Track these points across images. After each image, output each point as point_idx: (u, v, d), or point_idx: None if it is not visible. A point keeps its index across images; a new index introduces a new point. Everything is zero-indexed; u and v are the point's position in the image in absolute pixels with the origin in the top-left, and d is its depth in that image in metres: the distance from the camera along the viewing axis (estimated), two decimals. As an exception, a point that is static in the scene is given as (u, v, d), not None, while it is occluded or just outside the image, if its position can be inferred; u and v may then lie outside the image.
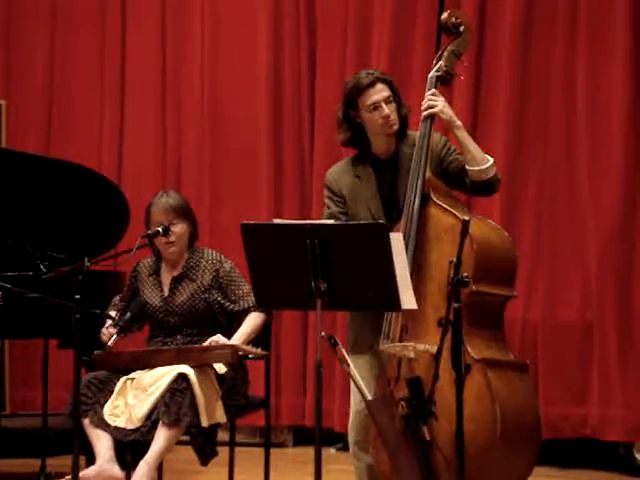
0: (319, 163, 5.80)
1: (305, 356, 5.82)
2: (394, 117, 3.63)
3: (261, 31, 5.90)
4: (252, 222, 3.34)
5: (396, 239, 3.15)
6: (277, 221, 3.37)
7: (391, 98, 3.63)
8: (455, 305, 3.15)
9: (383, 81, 3.64)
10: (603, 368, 5.17)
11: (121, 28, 6.15)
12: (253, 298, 4.02)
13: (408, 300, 3.17)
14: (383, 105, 3.61)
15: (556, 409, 5.12)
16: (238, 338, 4.07)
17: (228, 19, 6.01)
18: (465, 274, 3.15)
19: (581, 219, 5.27)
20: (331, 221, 3.59)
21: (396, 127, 3.65)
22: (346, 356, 3.32)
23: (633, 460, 5.15)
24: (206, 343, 4.03)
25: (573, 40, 5.27)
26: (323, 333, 3.26)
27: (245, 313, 4.15)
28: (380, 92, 3.62)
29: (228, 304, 4.16)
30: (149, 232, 4.14)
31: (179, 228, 4.16)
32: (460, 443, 3.12)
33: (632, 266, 5.18)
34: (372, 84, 3.62)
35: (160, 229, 4.12)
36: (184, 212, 4.18)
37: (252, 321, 4.12)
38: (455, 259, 3.17)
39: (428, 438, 3.32)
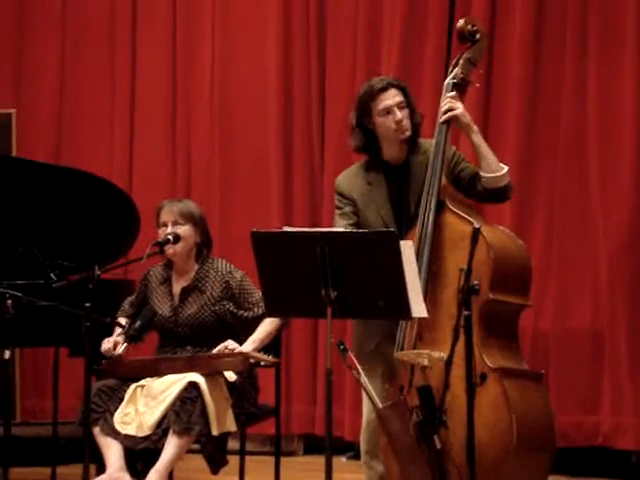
0: (329, 171, 5.79)
1: (315, 364, 5.80)
2: (407, 123, 3.63)
3: (271, 40, 5.91)
4: (262, 230, 3.34)
5: (406, 247, 3.14)
6: (287, 229, 3.37)
7: (404, 104, 3.63)
8: (466, 313, 3.14)
9: (396, 87, 3.65)
10: (614, 376, 5.15)
11: (131, 37, 6.16)
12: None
13: (419, 309, 3.16)
14: (396, 110, 3.62)
15: (568, 418, 5.10)
16: (252, 343, 4.06)
17: (238, 27, 6.01)
18: (476, 282, 3.14)
19: (592, 228, 5.25)
20: (341, 228, 3.60)
21: (408, 133, 3.64)
22: (356, 363, 3.31)
23: (645, 469, 5.13)
24: (217, 349, 4.02)
25: (583, 49, 5.26)
26: (333, 340, 3.26)
27: (259, 319, 4.14)
28: (393, 97, 3.63)
29: (242, 312, 4.16)
30: (160, 240, 4.14)
31: (183, 229, 4.15)
32: (471, 452, 3.11)
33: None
34: (385, 89, 3.62)
35: (171, 237, 4.12)
36: (191, 215, 4.17)
37: (267, 326, 4.12)
38: (466, 266, 3.16)
39: (439, 446, 3.30)
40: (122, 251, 4.98)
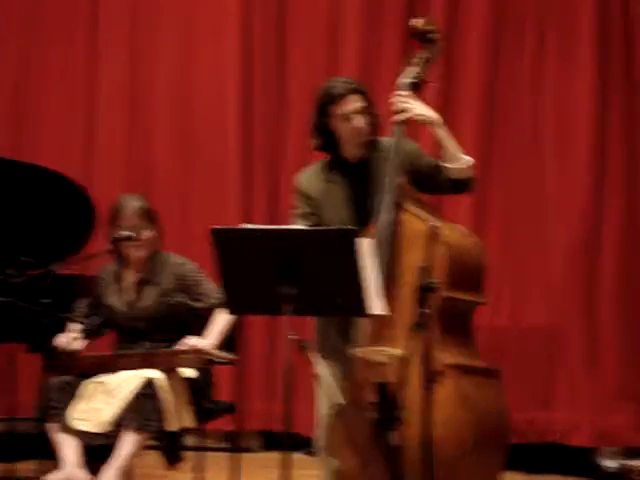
0: (289, 169, 5.79)
1: (273, 360, 5.81)
2: (365, 128, 3.63)
3: (231, 36, 5.89)
4: (222, 227, 3.34)
5: (365, 244, 3.16)
6: (247, 226, 3.38)
7: (363, 109, 3.63)
8: (423, 310, 3.17)
9: (357, 91, 3.63)
10: (569, 374, 5.21)
11: (91, 32, 6.10)
12: (218, 295, 4.02)
13: (377, 306, 3.18)
14: (354, 116, 3.61)
15: (522, 414, 5.15)
16: (211, 338, 4.06)
17: (198, 24, 5.99)
18: (434, 280, 3.17)
19: (547, 227, 5.31)
20: (300, 226, 3.61)
21: (366, 137, 3.65)
22: (316, 360, 3.32)
23: (600, 465, 5.19)
24: (178, 345, 4.02)
25: (541, 46, 5.33)
26: (293, 336, 3.27)
27: (211, 310, 4.14)
28: (353, 103, 3.61)
29: (194, 303, 4.16)
30: (118, 237, 4.13)
31: (147, 233, 4.15)
32: (427, 449, 3.13)
33: (597, 272, 5.23)
34: (345, 94, 3.61)
35: (130, 234, 4.11)
36: (151, 216, 4.18)
37: (221, 320, 4.12)
38: (424, 265, 3.19)
39: (395, 444, 3.33)
40: (80, 247, 4.95)
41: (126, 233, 4.11)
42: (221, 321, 4.11)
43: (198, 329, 4.12)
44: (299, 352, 3.32)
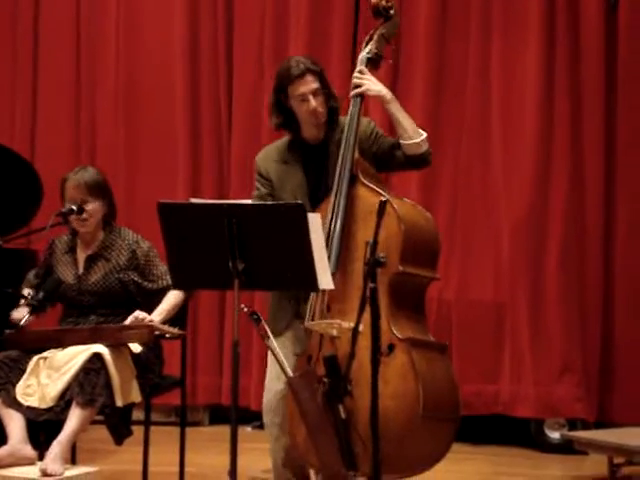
0: (237, 142, 5.78)
1: (222, 335, 5.81)
2: (321, 109, 3.63)
3: (177, 7, 5.85)
4: (169, 201, 3.32)
5: (314, 219, 3.16)
6: (194, 201, 3.36)
7: (319, 90, 3.63)
8: (371, 285, 3.18)
9: (312, 72, 3.63)
10: (515, 347, 5.28)
11: (35, 1, 6.03)
12: (169, 277, 4.00)
13: (325, 281, 3.18)
14: (310, 97, 3.61)
15: (469, 387, 5.20)
16: (158, 314, 4.04)
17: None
18: (382, 254, 3.18)
19: (494, 203, 5.36)
20: (248, 201, 3.59)
21: (323, 119, 3.66)
22: (269, 332, 3.33)
23: (543, 436, 5.27)
24: (127, 320, 3.99)
25: (487, 30, 5.36)
26: (245, 309, 3.27)
27: (163, 291, 4.12)
28: (309, 84, 3.61)
29: (146, 283, 4.13)
30: (63, 210, 4.08)
31: (92, 206, 4.10)
32: (375, 421, 3.15)
33: (543, 247, 5.28)
34: (301, 75, 3.61)
35: (74, 207, 4.06)
36: (99, 189, 4.12)
37: (171, 299, 4.10)
38: (372, 239, 3.19)
39: (344, 416, 3.34)
40: (25, 220, 4.89)
41: (69, 206, 4.06)
42: (171, 300, 4.10)
43: (148, 307, 4.09)
44: (253, 323, 3.31)
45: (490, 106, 5.35)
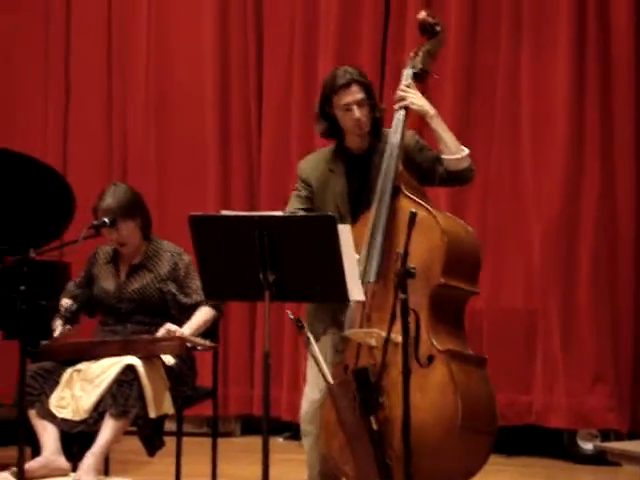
0: (267, 153, 5.80)
1: (253, 346, 5.82)
2: (365, 120, 3.66)
3: (208, 19, 5.88)
4: (200, 214, 3.35)
5: (344, 231, 3.17)
6: (225, 213, 3.38)
7: (364, 101, 3.65)
8: (402, 296, 3.18)
9: (358, 83, 3.66)
10: (547, 356, 5.24)
11: (66, 15, 6.09)
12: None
13: (356, 292, 3.19)
14: (355, 108, 3.64)
15: (501, 397, 5.13)
16: (188, 328, 4.06)
17: (175, 6, 5.98)
18: (412, 265, 3.18)
19: (525, 210, 5.33)
20: (293, 206, 3.65)
21: (366, 129, 3.69)
22: (312, 339, 3.34)
23: (576, 447, 5.23)
24: (159, 333, 4.01)
25: (518, 37, 5.33)
26: (291, 315, 3.30)
27: (196, 307, 4.15)
28: (353, 94, 3.64)
29: (181, 297, 4.16)
30: (95, 223, 4.12)
31: (126, 228, 4.14)
32: (406, 433, 3.15)
33: (574, 254, 5.25)
34: (347, 85, 3.64)
35: (107, 220, 4.09)
36: (129, 210, 4.14)
37: (203, 315, 4.13)
38: (402, 250, 3.20)
39: (375, 428, 3.34)
40: (58, 233, 4.93)
41: (103, 220, 4.10)
42: (202, 315, 4.13)
43: (180, 320, 4.12)
44: (297, 331, 3.33)
45: (520, 112, 5.33)
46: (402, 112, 3.65)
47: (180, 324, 4.08)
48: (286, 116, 5.75)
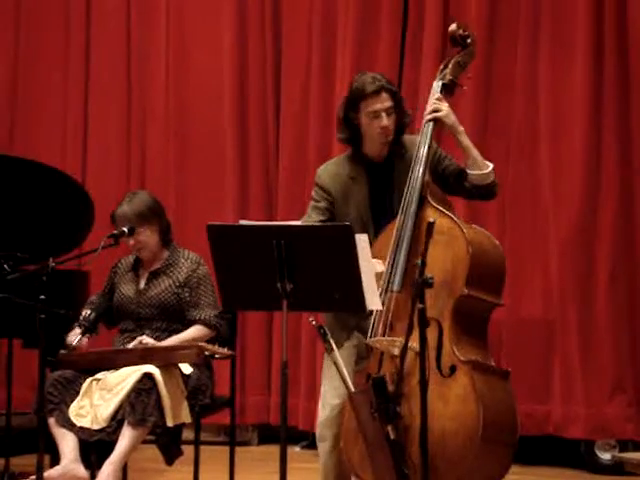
0: (285, 163, 5.82)
1: (270, 354, 5.83)
2: (391, 128, 3.67)
3: (226, 26, 5.91)
4: (218, 223, 3.36)
5: (362, 240, 3.17)
6: (243, 222, 3.39)
7: (392, 109, 3.66)
8: (419, 306, 3.18)
9: (388, 90, 3.67)
10: (565, 366, 5.23)
11: (85, 23, 6.13)
12: (210, 312, 4.10)
13: (374, 301, 3.20)
14: (383, 115, 3.65)
15: (519, 407, 5.13)
16: (170, 341, 4.09)
17: (194, 13, 6.01)
18: (430, 275, 3.19)
19: (543, 221, 5.32)
20: (312, 218, 3.65)
21: (391, 137, 3.69)
22: (334, 345, 3.35)
23: (594, 457, 5.21)
24: (132, 344, 4.04)
25: (535, 49, 5.33)
26: (313, 322, 3.30)
27: (193, 323, 4.17)
28: (383, 102, 3.65)
29: (187, 308, 4.18)
30: (114, 232, 4.14)
31: (144, 234, 4.17)
32: (424, 442, 3.15)
33: (593, 264, 5.23)
34: (377, 92, 3.64)
35: (126, 229, 4.12)
36: (145, 216, 4.17)
37: (191, 332, 4.15)
38: (420, 260, 3.20)
39: (392, 437, 3.34)
40: (77, 242, 4.96)
41: (122, 229, 4.13)
42: (191, 333, 4.14)
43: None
44: (321, 339, 3.34)
45: (538, 124, 5.32)
46: (431, 124, 3.66)
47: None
48: (304, 125, 5.77)
